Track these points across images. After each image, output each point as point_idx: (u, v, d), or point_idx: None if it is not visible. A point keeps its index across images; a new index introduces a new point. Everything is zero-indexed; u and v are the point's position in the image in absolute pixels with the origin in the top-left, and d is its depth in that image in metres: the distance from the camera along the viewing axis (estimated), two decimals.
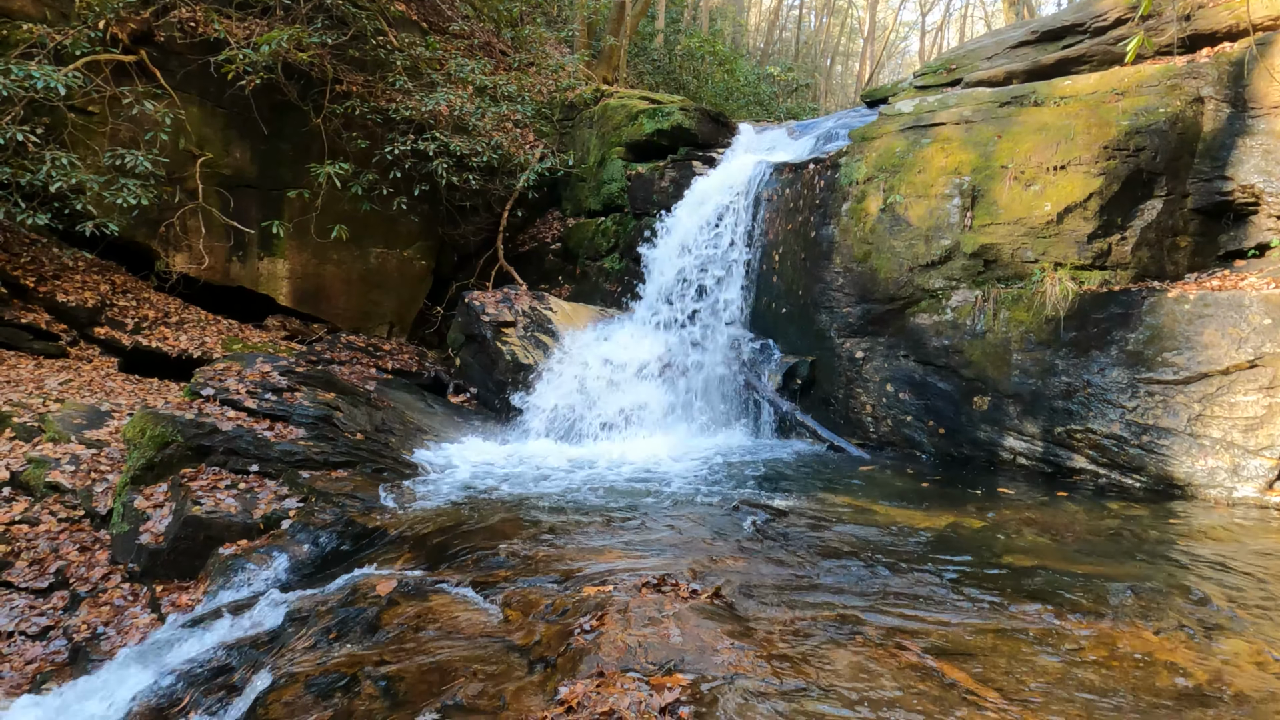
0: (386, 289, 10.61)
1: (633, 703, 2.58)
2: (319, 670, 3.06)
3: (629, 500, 5.59)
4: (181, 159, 8.94)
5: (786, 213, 8.39)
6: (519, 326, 8.39)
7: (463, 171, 9.92)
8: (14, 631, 4.61)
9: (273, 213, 9.69)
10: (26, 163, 7.65)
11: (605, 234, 10.67)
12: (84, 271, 8.61)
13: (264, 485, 5.29)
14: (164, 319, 8.78)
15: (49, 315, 7.99)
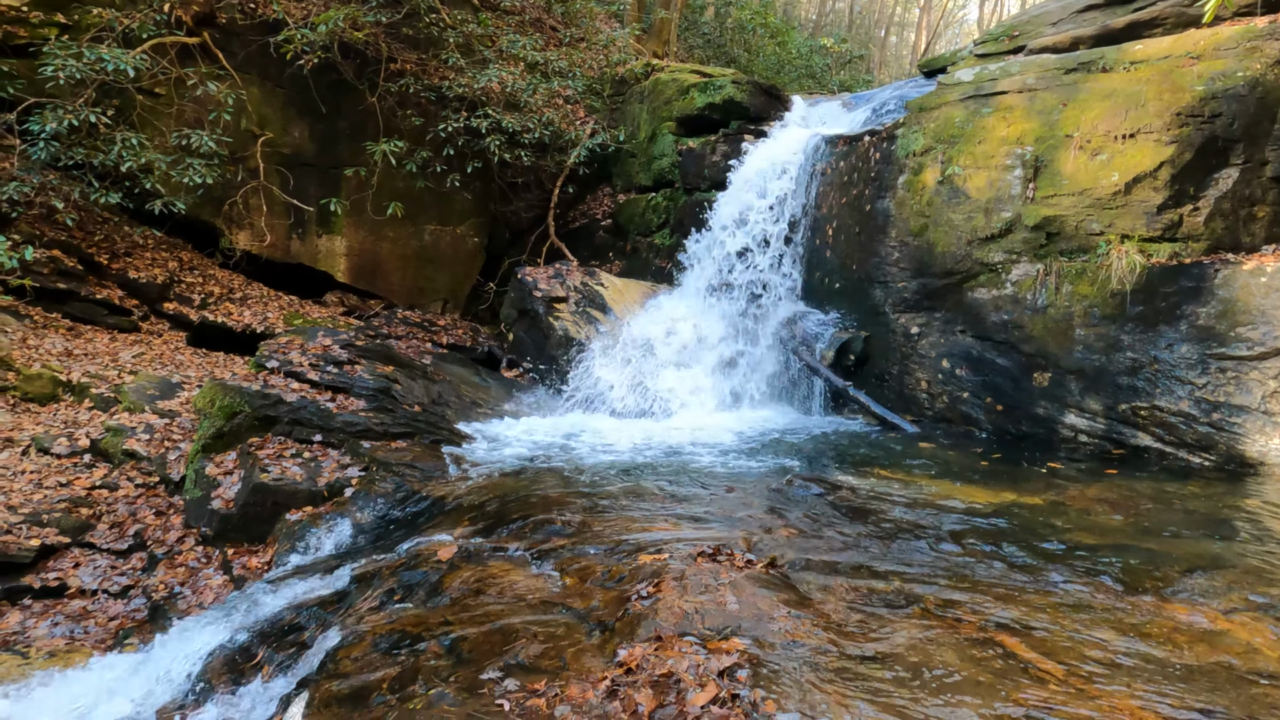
0: (440, 265, 10.77)
1: (691, 665, 2.62)
2: (386, 629, 3.17)
3: (680, 473, 5.61)
4: (243, 138, 9.15)
5: (840, 186, 8.26)
6: (570, 302, 8.45)
7: (514, 148, 9.97)
8: (98, 590, 4.85)
9: (331, 191, 9.88)
10: (99, 144, 7.93)
11: (656, 209, 10.64)
12: (153, 249, 8.91)
13: (327, 454, 5.45)
14: (228, 295, 9.05)
15: (121, 291, 8.30)
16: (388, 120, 9.79)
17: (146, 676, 3.84)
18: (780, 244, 8.61)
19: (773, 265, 8.58)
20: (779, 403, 7.90)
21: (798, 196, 8.47)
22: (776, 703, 2.41)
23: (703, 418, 7.34)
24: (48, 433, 6.08)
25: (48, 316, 7.66)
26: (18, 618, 4.61)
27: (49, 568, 4.93)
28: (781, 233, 8.56)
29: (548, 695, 2.50)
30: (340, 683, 2.85)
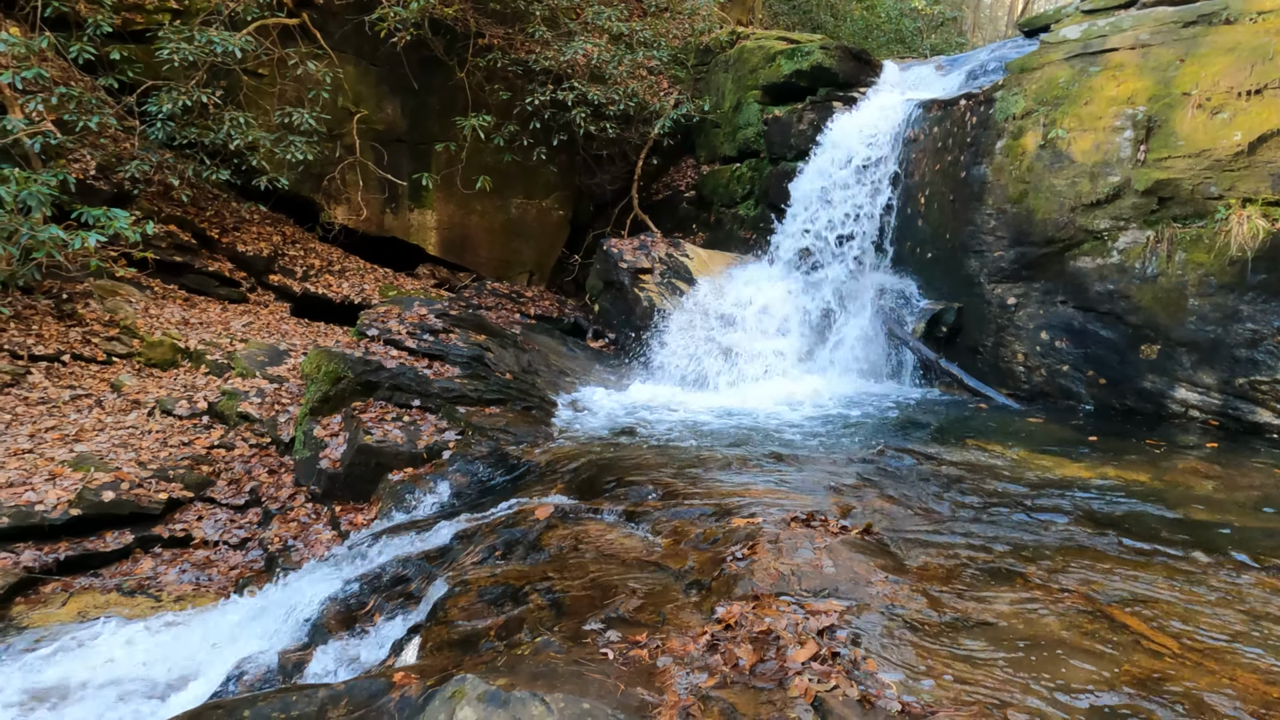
0: (526, 238, 10.95)
1: (789, 624, 2.65)
2: (490, 581, 3.30)
3: (769, 443, 5.61)
4: (340, 116, 9.47)
5: (934, 152, 8.01)
6: (656, 273, 8.48)
7: (599, 120, 10.02)
8: (219, 541, 5.20)
9: (422, 165, 10.15)
10: (209, 123, 8.35)
11: (740, 180, 10.54)
12: (259, 224, 9.35)
13: (425, 418, 5.66)
14: (328, 267, 9.43)
15: (231, 264, 8.75)
16: (476, 95, 9.96)
17: (266, 621, 4.11)
18: (869, 213, 8.42)
19: (861, 235, 8.40)
20: (866, 374, 7.78)
21: (888, 164, 8.25)
22: (877, 662, 2.42)
23: (788, 388, 7.29)
24: (170, 395, 6.51)
25: (166, 288, 8.15)
26: (150, 564, 4.98)
27: (175, 520, 5.30)
28: (870, 202, 8.37)
29: (649, 647, 2.57)
30: (450, 629, 2.99)
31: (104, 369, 6.81)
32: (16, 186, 6.23)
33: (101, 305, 7.39)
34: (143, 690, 3.70)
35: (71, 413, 6.09)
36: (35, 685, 3.76)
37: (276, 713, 2.39)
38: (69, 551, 4.83)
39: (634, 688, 2.33)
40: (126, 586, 4.75)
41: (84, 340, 6.94)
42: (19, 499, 4.91)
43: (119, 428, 6.01)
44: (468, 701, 2.22)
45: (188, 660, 3.94)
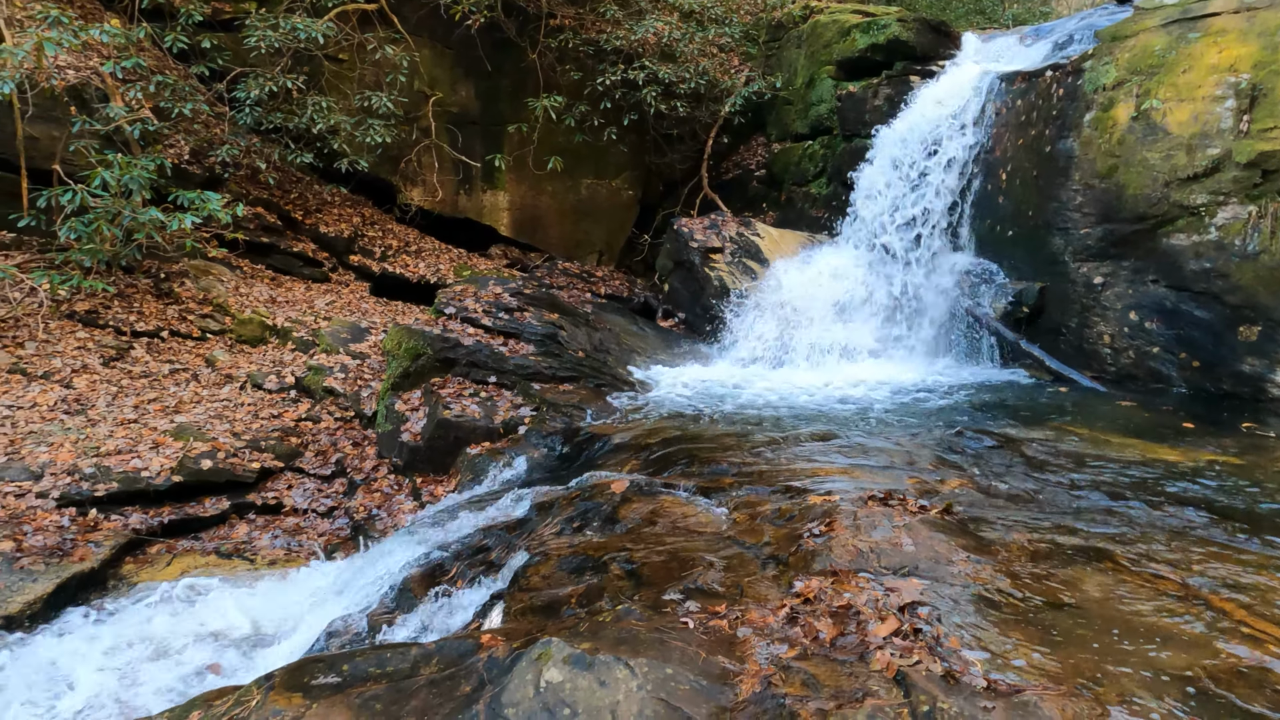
0: (596, 218, 11.02)
1: (869, 600, 2.64)
2: (569, 551, 3.38)
3: (842, 423, 5.57)
4: (416, 99, 9.67)
5: (1017, 127, 7.74)
6: (726, 252, 8.45)
7: (670, 99, 9.99)
8: (308, 509, 5.44)
9: (494, 147, 10.30)
10: (294, 108, 8.63)
11: (812, 158, 10.38)
12: (340, 205, 9.64)
13: (501, 395, 5.79)
14: (405, 248, 9.68)
15: (314, 245, 9.07)
16: (547, 76, 10.04)
17: (354, 585, 4.29)
18: (947, 191, 8.20)
19: (938, 213, 8.19)
20: (942, 355, 7.61)
21: (967, 140, 8.01)
22: (960, 640, 2.40)
23: (862, 369, 7.20)
24: (260, 370, 6.80)
25: (254, 267, 8.49)
26: (245, 530, 5.25)
27: (267, 488, 5.56)
28: (948, 179, 8.15)
29: (729, 617, 2.61)
30: (532, 595, 3.08)
31: (199, 345, 7.16)
32: (119, 171, 6.57)
33: (196, 284, 7.76)
34: (242, 645, 3.92)
35: (171, 385, 6.43)
36: (145, 637, 4.02)
37: (373, 667, 2.51)
38: (172, 516, 5.12)
39: (715, 656, 2.37)
40: (224, 550, 5.02)
41: (180, 317, 7.30)
42: (127, 465, 5.22)
43: (214, 400, 6.32)
44: (554, 663, 2.29)
45: (282, 619, 4.15)
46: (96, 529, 4.79)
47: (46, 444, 5.34)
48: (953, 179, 8.08)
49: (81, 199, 6.47)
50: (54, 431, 5.50)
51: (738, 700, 2.19)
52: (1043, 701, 2.03)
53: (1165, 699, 2.14)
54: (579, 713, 2.15)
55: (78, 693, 3.54)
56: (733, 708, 2.17)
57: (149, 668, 3.80)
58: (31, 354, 6.33)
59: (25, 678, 3.62)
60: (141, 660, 3.81)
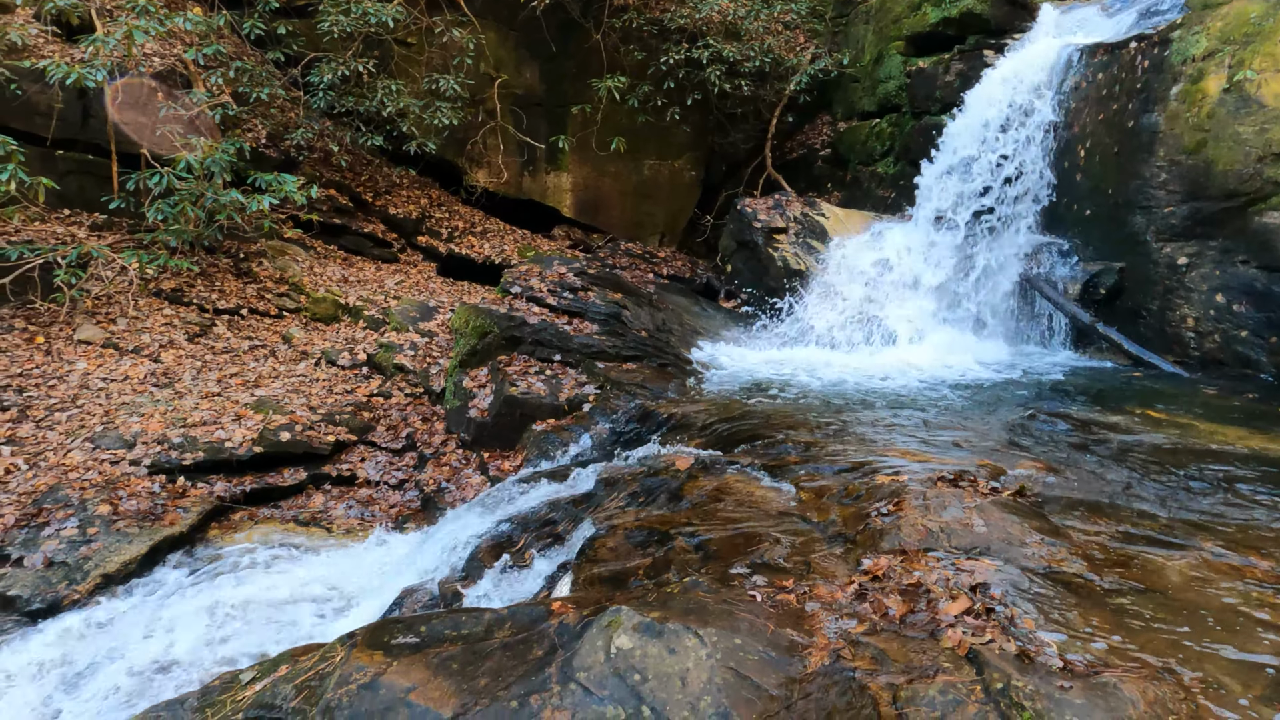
0: (658, 199, 11.01)
1: (940, 579, 2.62)
2: (635, 525, 3.43)
3: (907, 404, 5.49)
4: (482, 81, 9.78)
5: (1097, 101, 7.44)
6: (790, 233, 8.36)
7: (734, 78, 9.89)
8: (380, 481, 5.62)
9: (558, 129, 10.36)
10: (365, 91, 8.82)
11: (879, 136, 10.17)
12: (408, 187, 9.85)
13: (565, 373, 5.87)
14: (470, 229, 9.84)
15: (383, 226, 9.28)
16: (611, 57, 10.04)
17: (425, 554, 4.43)
18: (1020, 169, 7.94)
19: (1011, 191, 7.95)
20: (1013, 338, 7.42)
21: (1044, 115, 7.74)
22: (1035, 621, 2.36)
23: (929, 351, 7.07)
24: (333, 347, 7.02)
25: (327, 248, 8.75)
26: (321, 499, 5.45)
27: (341, 460, 5.76)
28: (1022, 156, 7.89)
29: (796, 592, 2.62)
30: (599, 567, 3.14)
31: (276, 322, 7.42)
32: (203, 154, 6.83)
33: (272, 264, 8.03)
34: (320, 607, 4.09)
35: (250, 361, 6.70)
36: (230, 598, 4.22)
37: (448, 630, 2.60)
38: (253, 485, 5.35)
39: (783, 629, 2.38)
40: (302, 518, 5.23)
41: (259, 295, 7.57)
42: (212, 436, 5.47)
43: (291, 375, 6.56)
44: (624, 631, 2.34)
45: (358, 585, 4.31)
46: (184, 495, 5.03)
47: (138, 415, 5.62)
48: (1027, 157, 7.83)
49: (168, 182, 6.75)
50: (144, 403, 5.79)
51: (807, 672, 2.21)
52: (1123, 684, 2.00)
53: (1253, 687, 2.08)
54: (649, 679, 2.19)
55: (170, 645, 3.75)
56: (802, 679, 2.18)
57: (234, 625, 3.99)
58: (123, 330, 6.66)
59: (123, 630, 3.85)
60: (227, 618, 4.01)
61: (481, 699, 2.25)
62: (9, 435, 5.25)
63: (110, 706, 3.32)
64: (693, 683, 2.16)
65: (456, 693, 2.28)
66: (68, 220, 7.39)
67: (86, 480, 4.91)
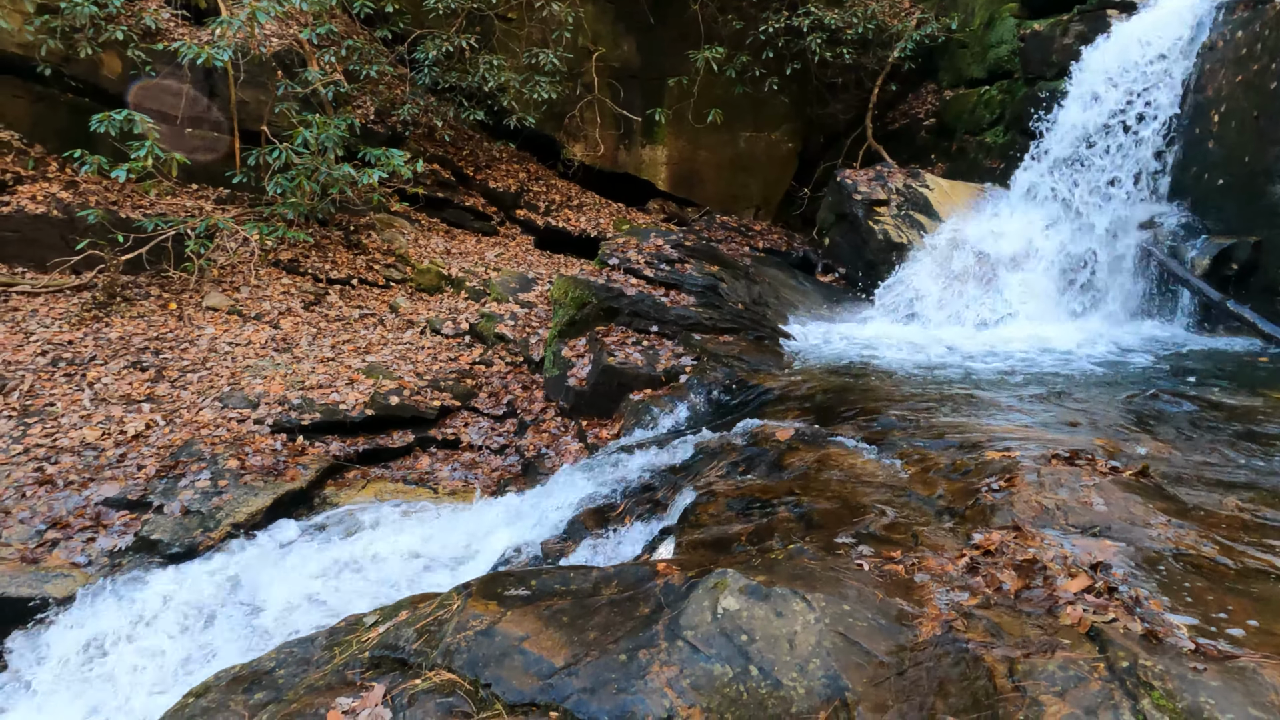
0: (754, 172, 10.88)
1: (1056, 556, 2.54)
2: (736, 494, 3.45)
3: (1018, 383, 5.29)
4: (580, 55, 9.84)
5: (1235, 62, 6.91)
6: (892, 205, 8.13)
7: (835, 46, 9.63)
8: (482, 446, 5.81)
9: (654, 101, 10.33)
10: (467, 67, 9.01)
11: (989, 104, 9.73)
12: (506, 162, 10.03)
13: (662, 344, 5.91)
14: (566, 202, 9.97)
15: (483, 199, 9.51)
16: (709, 27, 9.92)
17: (527, 516, 4.56)
18: (1144, 136, 7.47)
19: (1134, 160, 7.50)
20: (1131, 314, 7.03)
21: (1174, 78, 7.24)
22: (1162, 603, 2.27)
23: (1039, 327, 6.78)
24: (437, 317, 7.27)
25: (430, 221, 9.02)
26: (427, 462, 5.68)
27: (446, 425, 5.98)
28: (1147, 122, 7.42)
29: (904, 563, 2.58)
30: (701, 532, 3.17)
31: (384, 292, 7.72)
32: (317, 130, 7.13)
33: (380, 236, 8.35)
34: (430, 563, 4.28)
35: (361, 328, 7.00)
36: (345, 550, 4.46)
37: (558, 585, 2.68)
38: (365, 445, 5.62)
39: (892, 598, 2.36)
40: (410, 478, 5.46)
41: (368, 266, 7.89)
42: (327, 398, 5.77)
43: (398, 343, 6.83)
44: (730, 592, 2.37)
45: (464, 543, 4.48)
46: (303, 454, 5.33)
47: (260, 377, 5.97)
48: (1153, 123, 7.36)
49: (286, 157, 7.09)
50: (266, 366, 6.14)
51: (918, 641, 2.19)
52: (1262, 669, 1.90)
53: None
54: (756, 639, 2.21)
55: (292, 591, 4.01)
56: (913, 647, 2.16)
57: (349, 575, 4.22)
58: (245, 297, 7.06)
59: (250, 576, 4.13)
60: (343, 568, 4.24)
61: (591, 651, 2.32)
62: (148, 393, 5.67)
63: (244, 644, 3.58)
64: (801, 645, 2.17)
65: (567, 644, 2.36)
66: (195, 194, 7.86)
67: (216, 437, 5.27)
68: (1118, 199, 7.43)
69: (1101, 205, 7.51)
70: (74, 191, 7.36)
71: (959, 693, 1.99)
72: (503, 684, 2.22)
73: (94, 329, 6.34)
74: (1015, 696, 1.92)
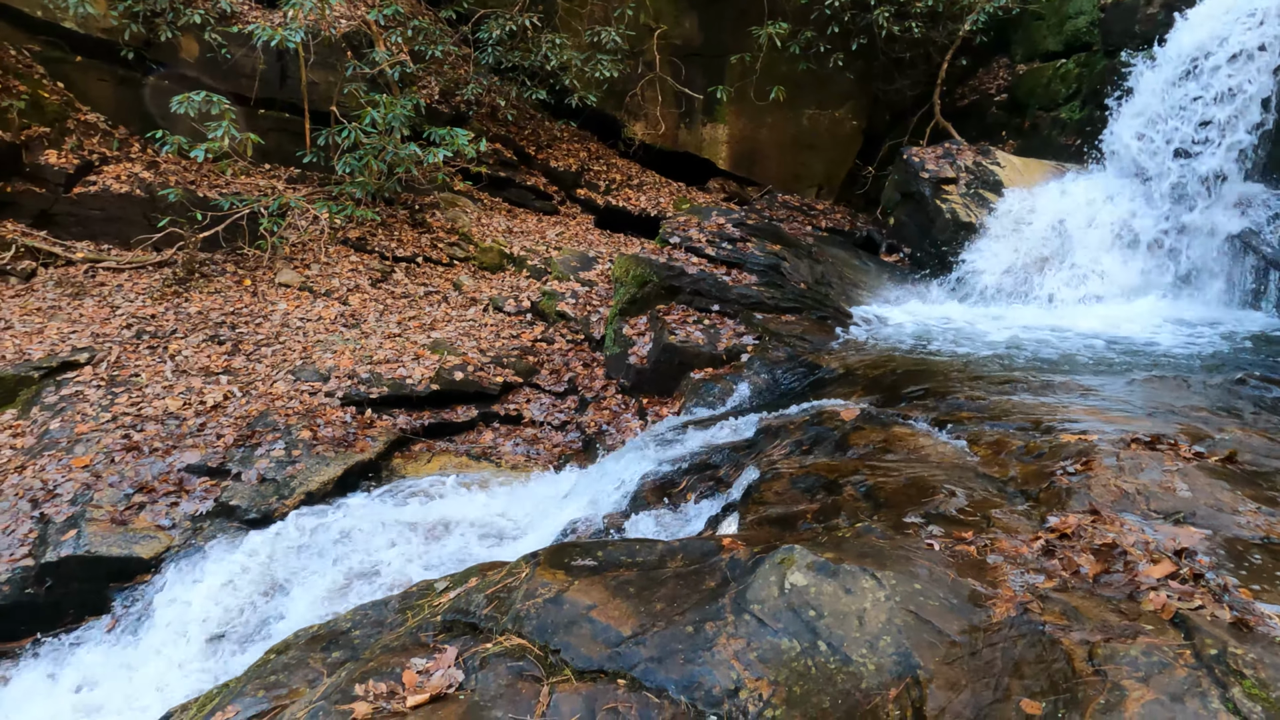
0: (816, 150, 10.69)
1: (1138, 541, 2.46)
2: (800, 472, 3.42)
3: (1092, 365, 5.12)
4: (641, 33, 9.78)
5: None
6: (960, 183, 7.91)
7: (903, 20, 9.38)
8: (543, 422, 5.88)
9: (716, 79, 10.22)
10: (530, 46, 9.04)
11: (1065, 78, 9.37)
12: (567, 141, 10.06)
13: (724, 323, 5.88)
14: (627, 182, 9.96)
15: (544, 179, 9.56)
16: (772, 2, 9.75)
17: (588, 491, 4.61)
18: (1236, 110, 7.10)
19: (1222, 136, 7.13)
20: (1217, 298, 6.72)
21: (1274, 48, 6.85)
22: (1253, 592, 2.18)
23: (1115, 309, 6.54)
24: (499, 294, 7.36)
25: (493, 200, 9.12)
26: (490, 436, 5.78)
27: (508, 400, 6.07)
28: (1240, 94, 7.04)
29: (976, 544, 2.54)
30: (766, 509, 3.17)
31: (447, 270, 7.85)
32: (384, 110, 7.25)
33: (444, 215, 8.47)
34: (495, 533, 4.37)
35: (426, 305, 7.14)
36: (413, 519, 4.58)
37: (624, 556, 2.71)
38: (430, 420, 5.74)
39: (965, 578, 2.32)
40: (474, 452, 5.57)
41: (432, 245, 8.03)
42: (394, 373, 5.90)
43: (462, 320, 6.94)
44: (797, 568, 2.36)
45: (527, 515, 4.56)
46: (372, 426, 5.47)
47: (331, 351, 6.14)
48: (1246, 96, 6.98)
49: (354, 136, 7.24)
50: (336, 341, 6.31)
51: (991, 622, 2.15)
52: None
53: None
54: (824, 615, 2.20)
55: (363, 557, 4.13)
56: (986, 628, 2.13)
57: (417, 543, 4.34)
58: (316, 274, 7.26)
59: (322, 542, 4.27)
60: (411, 536, 4.36)
61: (658, 621, 2.34)
62: (225, 366, 5.88)
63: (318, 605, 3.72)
64: (870, 622, 2.15)
65: (634, 614, 2.38)
66: (268, 174, 8.08)
67: (290, 408, 5.44)
68: (1209, 176, 7.08)
69: (1189, 182, 7.18)
70: (155, 171, 7.65)
71: (1035, 674, 1.95)
72: (571, 650, 2.26)
73: (174, 303, 6.59)
74: (1095, 680, 1.87)
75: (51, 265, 6.96)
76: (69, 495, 4.58)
